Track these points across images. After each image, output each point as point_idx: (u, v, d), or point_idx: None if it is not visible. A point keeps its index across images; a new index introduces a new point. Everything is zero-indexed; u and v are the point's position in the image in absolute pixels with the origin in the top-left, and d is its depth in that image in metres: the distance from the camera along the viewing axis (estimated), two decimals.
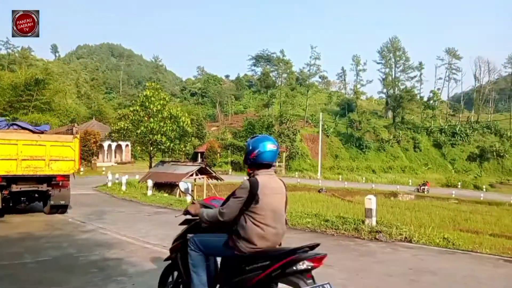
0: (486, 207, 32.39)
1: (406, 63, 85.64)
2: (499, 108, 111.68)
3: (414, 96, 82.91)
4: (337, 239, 8.96)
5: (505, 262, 6.99)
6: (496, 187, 53.02)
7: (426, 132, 78.95)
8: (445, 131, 78.92)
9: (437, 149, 75.57)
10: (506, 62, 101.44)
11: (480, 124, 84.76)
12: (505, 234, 18.58)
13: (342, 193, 36.65)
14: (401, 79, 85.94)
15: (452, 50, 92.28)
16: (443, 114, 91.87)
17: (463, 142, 77.10)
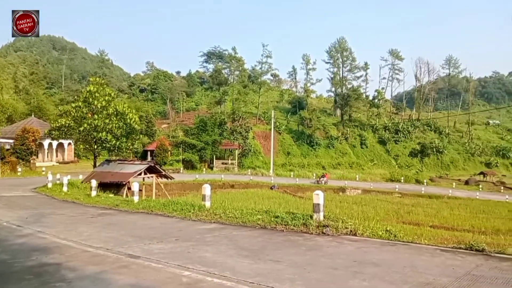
0: (426, 200, 34.46)
1: (353, 63, 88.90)
2: (438, 106, 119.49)
3: (361, 95, 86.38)
4: (287, 234, 9.06)
5: (442, 252, 7.42)
6: (436, 181, 56.55)
7: (372, 129, 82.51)
8: (389, 128, 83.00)
9: (382, 145, 79.30)
10: (444, 63, 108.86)
11: (421, 122, 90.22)
12: (444, 225, 19.91)
13: (293, 189, 37.32)
14: (348, 78, 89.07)
15: (395, 51, 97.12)
16: (387, 112, 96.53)
17: (405, 139, 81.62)
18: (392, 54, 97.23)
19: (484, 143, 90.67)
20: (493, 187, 51.20)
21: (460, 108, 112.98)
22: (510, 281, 5.40)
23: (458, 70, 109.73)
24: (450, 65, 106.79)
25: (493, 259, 6.85)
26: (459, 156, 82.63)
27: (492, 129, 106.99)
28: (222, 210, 11.79)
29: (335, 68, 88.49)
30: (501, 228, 19.39)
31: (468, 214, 25.09)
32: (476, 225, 20.12)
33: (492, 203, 32.34)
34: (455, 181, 56.08)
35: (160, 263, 6.24)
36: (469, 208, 28.78)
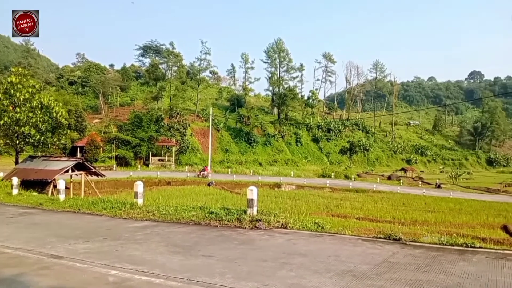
0: (354, 194, 36.53)
1: (289, 64, 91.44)
2: (365, 107, 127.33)
3: (296, 95, 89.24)
4: (220, 230, 9.17)
5: (363, 242, 8.02)
6: (362, 176, 60.16)
7: (306, 128, 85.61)
8: (322, 127, 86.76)
9: (315, 143, 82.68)
10: (371, 67, 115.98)
11: (350, 122, 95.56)
12: (368, 217, 21.24)
13: (231, 185, 37.54)
14: (285, 78, 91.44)
15: (328, 54, 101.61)
16: (320, 112, 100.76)
17: (336, 137, 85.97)
18: (326, 57, 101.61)
19: (405, 142, 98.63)
20: (412, 182, 55.73)
21: (385, 109, 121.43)
22: (421, 267, 6.01)
23: (383, 74, 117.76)
24: (377, 69, 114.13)
25: (408, 247, 7.54)
26: (383, 153, 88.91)
27: (412, 129, 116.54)
28: (155, 208, 11.59)
29: (273, 68, 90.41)
30: (418, 219, 21.19)
31: (390, 207, 27.04)
32: (397, 217, 21.76)
33: (411, 197, 35.21)
34: (379, 176, 60.12)
35: (85, 263, 6.02)
36: (391, 201, 31.03)
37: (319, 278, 5.32)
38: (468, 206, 30.00)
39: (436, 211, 25.69)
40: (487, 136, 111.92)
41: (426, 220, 20.99)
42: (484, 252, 7.14)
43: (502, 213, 25.74)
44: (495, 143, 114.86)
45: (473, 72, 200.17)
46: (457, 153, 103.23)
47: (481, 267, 6.03)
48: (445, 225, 19.65)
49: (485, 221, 21.78)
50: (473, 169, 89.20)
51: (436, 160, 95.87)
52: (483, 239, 12.79)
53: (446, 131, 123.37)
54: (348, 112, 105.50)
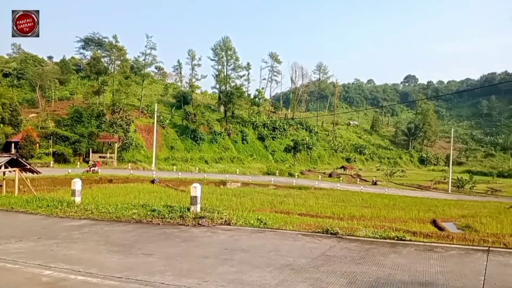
0: (297, 191, 37.52)
1: (236, 63, 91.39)
2: (309, 107, 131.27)
3: (243, 93, 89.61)
4: (163, 227, 9.02)
5: (303, 236, 8.29)
6: (305, 174, 61.96)
7: (252, 126, 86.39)
8: (267, 126, 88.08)
9: (261, 141, 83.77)
10: (315, 69, 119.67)
11: (295, 121, 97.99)
12: (310, 213, 21.96)
13: (175, 183, 36.88)
14: (232, 76, 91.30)
15: (274, 54, 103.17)
16: (266, 111, 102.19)
17: (281, 136, 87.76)
18: (272, 57, 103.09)
19: (346, 141, 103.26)
20: (351, 179, 58.42)
21: (327, 109, 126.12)
22: (355, 259, 6.35)
23: (326, 76, 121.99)
24: (320, 71, 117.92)
25: (345, 240, 7.92)
26: (325, 152, 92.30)
27: (352, 129, 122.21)
28: (94, 206, 11.12)
29: (220, 65, 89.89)
30: (355, 214, 22.29)
31: (330, 203, 28.18)
32: (336, 212, 22.73)
33: (349, 193, 36.91)
34: (321, 174, 62.31)
35: (17, 264, 5.65)
36: (331, 197, 32.34)
37: (259, 272, 5.44)
38: (401, 202, 32.08)
39: (372, 207, 27.17)
40: (419, 137, 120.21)
41: (363, 215, 22.12)
42: (413, 245, 7.69)
43: (431, 209, 27.84)
44: (426, 143, 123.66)
45: (408, 76, 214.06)
46: (393, 152, 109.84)
47: (410, 258, 6.49)
48: (380, 219, 20.85)
49: (416, 216, 23.42)
50: (407, 167, 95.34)
51: (373, 159, 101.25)
52: (414, 232, 13.70)
53: (382, 131, 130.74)
54: (293, 112, 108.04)
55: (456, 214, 25.63)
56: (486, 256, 6.63)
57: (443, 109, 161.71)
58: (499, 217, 22.63)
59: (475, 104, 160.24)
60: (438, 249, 7.19)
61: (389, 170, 68.88)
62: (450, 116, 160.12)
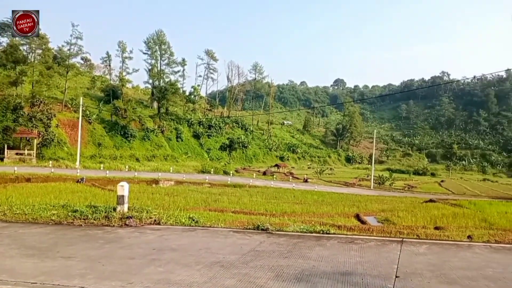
0: (231, 189, 37.61)
1: (171, 58, 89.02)
2: (245, 106, 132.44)
3: (178, 90, 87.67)
4: (85, 229, 8.52)
5: (234, 233, 8.35)
6: (240, 172, 62.38)
7: (187, 123, 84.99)
8: (203, 123, 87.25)
9: (196, 139, 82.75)
10: (251, 68, 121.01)
11: (231, 119, 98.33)
12: (244, 210, 22.12)
13: (103, 182, 34.97)
14: (166, 72, 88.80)
15: (210, 51, 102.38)
16: (202, 108, 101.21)
17: (217, 134, 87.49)
18: (208, 54, 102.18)
19: (280, 140, 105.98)
20: (284, 177, 60.04)
21: (263, 109, 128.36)
22: (283, 253, 6.53)
23: (262, 76, 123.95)
24: (256, 71, 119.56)
25: (274, 236, 8.12)
26: (260, 150, 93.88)
27: (286, 128, 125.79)
28: (7, 207, 10.17)
29: (153, 60, 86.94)
30: (287, 211, 22.91)
31: (264, 200, 28.65)
32: (269, 209, 23.18)
33: (282, 190, 37.89)
34: (256, 172, 63.21)
35: None
36: (265, 195, 32.92)
37: (188, 271, 5.37)
38: (329, 198, 33.63)
39: (303, 203, 28.15)
40: (347, 137, 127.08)
41: (294, 211, 22.81)
42: (337, 237, 8.11)
43: (355, 204, 29.53)
44: (353, 143, 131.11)
45: (337, 79, 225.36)
46: (323, 151, 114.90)
47: (333, 250, 6.84)
48: (309, 215, 21.63)
49: (342, 211, 24.66)
50: (335, 166, 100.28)
51: (305, 157, 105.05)
52: (339, 226, 14.39)
53: (314, 131, 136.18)
54: (229, 110, 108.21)
55: (377, 208, 27.38)
56: (400, 246, 7.20)
57: (367, 112, 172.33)
58: (414, 211, 24.56)
59: (395, 108, 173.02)
60: (358, 241, 7.66)
61: (319, 168, 71.93)
62: (374, 118, 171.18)
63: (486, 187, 65.19)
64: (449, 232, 12.51)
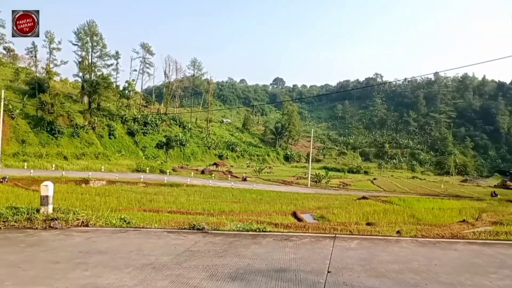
0: (168, 188, 36.77)
1: (103, 50, 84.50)
2: (183, 103, 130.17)
3: (111, 84, 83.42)
4: (5, 232, 7.79)
5: (168, 233, 8.12)
6: (178, 170, 61.19)
7: (121, 120, 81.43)
8: (138, 120, 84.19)
9: (131, 136, 79.60)
10: (189, 64, 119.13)
11: (168, 116, 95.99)
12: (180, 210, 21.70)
13: (27, 182, 32.39)
14: (98, 65, 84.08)
15: (146, 45, 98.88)
16: (137, 104, 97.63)
17: (153, 131, 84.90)
18: (144, 47, 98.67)
19: (219, 138, 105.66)
20: (223, 175, 59.97)
21: (202, 106, 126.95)
22: (218, 252, 6.47)
23: (201, 72, 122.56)
24: (195, 67, 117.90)
25: (210, 235, 8.02)
26: (199, 148, 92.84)
27: (225, 126, 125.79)
28: None
29: (84, 52, 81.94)
30: (225, 209, 22.90)
31: (202, 199, 28.38)
32: (207, 208, 22.99)
33: (220, 189, 37.81)
34: (193, 170, 62.42)
35: None
36: (203, 194, 32.62)
37: (117, 274, 5.11)
38: (267, 196, 34.18)
39: (241, 202, 28.30)
40: (285, 136, 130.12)
41: (232, 210, 22.85)
42: (272, 235, 8.22)
43: (293, 202, 30.29)
44: (291, 141, 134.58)
45: (277, 78, 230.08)
46: (261, 150, 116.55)
47: (268, 248, 6.91)
48: (247, 213, 21.80)
49: (279, 209, 25.17)
50: (274, 164, 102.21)
51: (244, 156, 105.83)
52: (276, 224, 14.66)
53: (253, 129, 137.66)
54: (166, 107, 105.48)
55: (313, 206, 28.36)
56: (333, 242, 7.47)
57: (305, 111, 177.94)
58: (348, 207, 25.79)
59: (332, 108, 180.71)
60: (293, 238, 7.83)
61: (258, 167, 72.82)
62: (311, 117, 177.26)
63: (415, 184, 70.41)
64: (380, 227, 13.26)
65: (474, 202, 34.11)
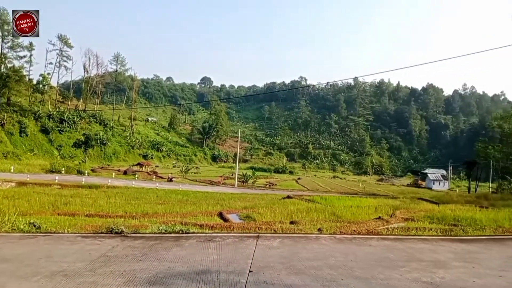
0: (86, 190, 34.48)
1: (16, 40, 76.93)
2: (105, 100, 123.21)
3: (23, 77, 75.97)
4: None
5: (83, 238, 7.61)
6: (97, 171, 57.75)
7: (34, 116, 74.72)
8: (53, 117, 77.93)
9: (45, 134, 73.39)
10: (112, 59, 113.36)
11: (87, 113, 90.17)
12: (99, 213, 20.46)
13: None
14: (9, 56, 76.42)
15: (63, 37, 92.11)
16: (52, 100, 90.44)
17: (70, 129, 79.20)
18: (61, 39, 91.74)
19: (143, 137, 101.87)
20: (147, 176, 57.91)
21: (125, 103, 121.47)
22: (137, 256, 6.21)
23: (124, 68, 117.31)
24: (118, 62, 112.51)
25: (129, 239, 7.67)
26: (121, 148, 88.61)
27: (150, 125, 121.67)
28: None
29: None
30: (149, 211, 22.04)
31: (123, 201, 27.04)
32: (129, 210, 21.93)
33: (144, 190, 36.43)
34: (115, 171, 59.45)
35: None
36: (125, 195, 31.11)
37: (23, 283, 4.69)
38: (194, 197, 33.68)
39: (166, 203, 27.52)
40: (213, 135, 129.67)
41: (156, 212, 22.09)
42: (196, 236, 8.11)
43: (220, 202, 30.19)
44: (219, 141, 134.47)
45: (205, 78, 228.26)
46: (188, 150, 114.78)
47: (191, 250, 6.80)
48: (172, 215, 21.24)
49: (206, 209, 24.91)
50: (201, 164, 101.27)
51: (170, 156, 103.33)
52: (201, 225, 14.48)
53: (180, 129, 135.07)
54: (85, 103, 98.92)
55: (240, 206, 28.57)
56: (256, 242, 7.59)
57: (233, 111, 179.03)
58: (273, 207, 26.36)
59: (259, 109, 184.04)
60: (217, 239, 7.81)
61: (184, 167, 71.62)
62: (239, 118, 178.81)
63: (336, 183, 74.46)
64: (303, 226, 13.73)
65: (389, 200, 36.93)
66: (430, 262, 6.52)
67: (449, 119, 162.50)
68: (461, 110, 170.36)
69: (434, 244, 8.32)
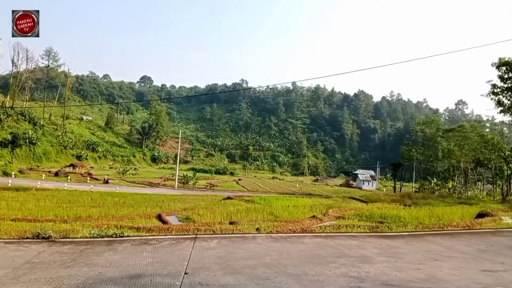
0: (13, 193, 31.98)
1: None
2: (35, 97, 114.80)
3: None
4: None
5: (6, 244, 7.20)
6: (26, 172, 53.70)
7: None
8: None
9: None
10: (44, 54, 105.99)
11: (15, 110, 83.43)
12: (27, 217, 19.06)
13: None
14: None
15: None
16: None
17: None
18: None
19: (77, 137, 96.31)
20: (81, 178, 54.90)
21: (57, 101, 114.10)
22: (66, 262, 5.92)
23: (57, 64, 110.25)
24: (50, 57, 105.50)
25: (57, 244, 7.28)
26: (53, 148, 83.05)
27: (85, 124, 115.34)
28: None
29: None
30: (82, 215, 20.95)
31: (54, 205, 25.48)
32: (60, 214, 20.71)
33: (78, 193, 34.52)
34: (46, 172, 55.74)
35: None
36: (56, 198, 29.32)
37: None
38: (131, 199, 32.55)
39: (102, 206, 26.33)
40: (153, 136, 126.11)
41: (90, 215, 21.06)
42: (130, 240, 7.91)
43: (159, 204, 29.48)
44: (159, 142, 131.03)
45: (144, 76, 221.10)
46: (127, 150, 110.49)
47: (125, 254, 6.63)
48: (107, 218, 20.36)
49: (144, 212, 24.21)
50: (140, 165, 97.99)
51: (107, 156, 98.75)
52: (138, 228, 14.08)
53: (117, 128, 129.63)
54: (13, 100, 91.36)
55: (180, 207, 28.13)
56: (193, 243, 7.58)
57: (174, 112, 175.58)
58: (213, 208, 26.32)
59: (201, 110, 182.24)
60: (153, 242, 7.69)
61: (122, 168, 68.92)
62: (180, 118, 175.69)
63: (275, 184, 75.98)
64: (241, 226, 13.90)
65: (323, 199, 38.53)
66: (357, 257, 6.96)
67: (378, 123, 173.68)
68: (388, 115, 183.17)
69: (361, 240, 8.87)
